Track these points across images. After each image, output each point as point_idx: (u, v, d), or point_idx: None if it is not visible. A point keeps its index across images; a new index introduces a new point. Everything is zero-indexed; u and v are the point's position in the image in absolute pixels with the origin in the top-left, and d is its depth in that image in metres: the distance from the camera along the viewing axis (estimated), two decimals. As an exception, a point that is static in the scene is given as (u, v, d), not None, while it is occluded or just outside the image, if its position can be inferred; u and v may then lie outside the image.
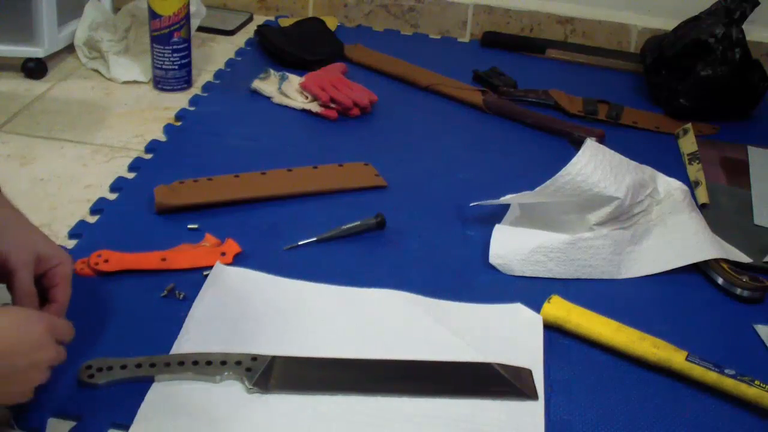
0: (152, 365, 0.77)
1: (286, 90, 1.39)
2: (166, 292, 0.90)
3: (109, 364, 0.78)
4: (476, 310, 0.92)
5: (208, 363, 0.78)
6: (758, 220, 1.15)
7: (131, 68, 1.44)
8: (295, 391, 0.78)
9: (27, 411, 0.74)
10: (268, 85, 1.41)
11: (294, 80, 1.41)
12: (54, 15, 1.39)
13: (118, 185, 1.11)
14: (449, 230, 1.07)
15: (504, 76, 1.53)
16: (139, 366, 0.77)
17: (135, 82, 1.42)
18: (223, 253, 0.96)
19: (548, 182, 1.01)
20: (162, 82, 1.39)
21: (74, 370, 0.77)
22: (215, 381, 0.77)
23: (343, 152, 1.23)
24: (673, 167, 1.23)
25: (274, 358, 0.80)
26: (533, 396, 0.80)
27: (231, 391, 0.77)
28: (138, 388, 0.76)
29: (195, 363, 0.78)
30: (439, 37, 1.77)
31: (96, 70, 1.45)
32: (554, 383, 0.83)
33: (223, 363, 0.78)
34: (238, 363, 0.78)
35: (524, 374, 0.82)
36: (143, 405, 0.75)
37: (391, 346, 0.84)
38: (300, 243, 1.01)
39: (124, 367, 0.77)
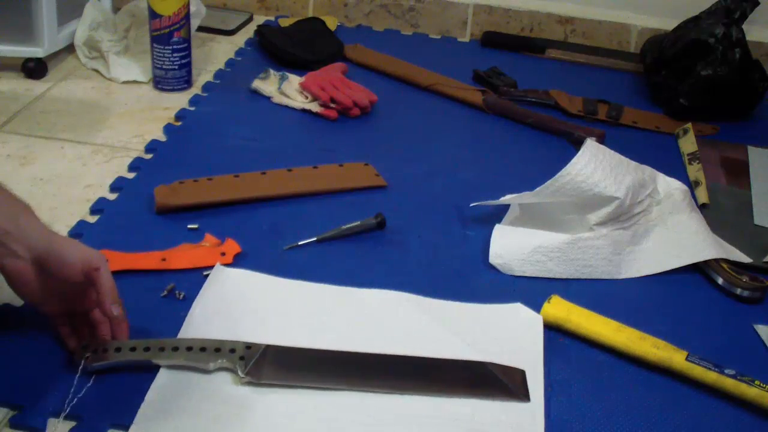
0: (146, 349, 0.78)
1: (286, 90, 1.39)
2: (166, 292, 0.90)
3: (105, 346, 0.78)
4: (476, 310, 0.92)
5: (203, 349, 0.78)
6: (758, 220, 1.15)
7: (131, 68, 1.44)
8: (289, 382, 0.78)
9: (27, 411, 0.74)
10: (268, 85, 1.41)
11: (294, 80, 1.41)
12: (54, 15, 1.39)
13: (118, 185, 1.11)
14: (449, 230, 1.07)
15: (504, 76, 1.53)
16: (133, 350, 0.78)
17: (135, 82, 1.42)
18: (223, 253, 0.96)
19: (548, 182, 1.01)
20: (162, 82, 1.39)
21: (73, 373, 0.77)
22: (208, 368, 0.78)
23: (343, 152, 1.23)
24: (673, 167, 1.22)
25: (267, 347, 0.80)
26: (524, 397, 0.80)
27: (232, 391, 0.77)
28: (138, 388, 0.76)
29: (189, 349, 0.78)
30: (439, 37, 1.77)
31: (96, 70, 1.45)
32: (554, 383, 0.83)
33: (218, 350, 0.78)
34: (232, 351, 0.79)
35: (517, 375, 0.82)
36: (143, 405, 0.75)
37: (390, 347, 0.83)
38: (300, 243, 1.01)
39: (118, 350, 0.78)
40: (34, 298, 0.79)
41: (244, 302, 0.90)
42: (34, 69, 1.40)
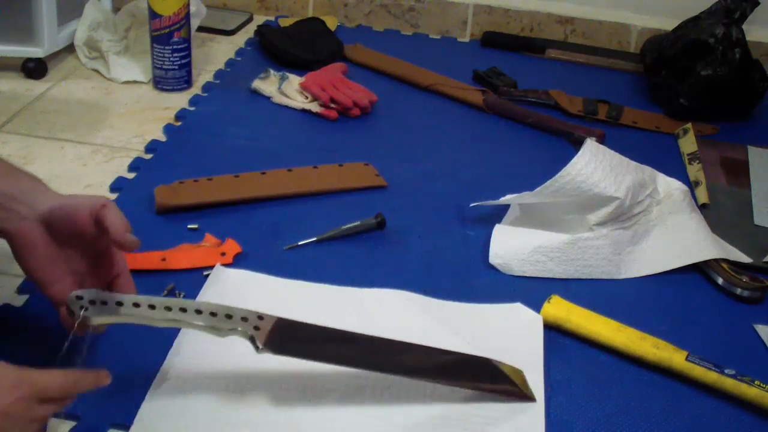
0: (151, 307, 0.71)
1: (286, 90, 1.39)
2: (166, 292, 0.90)
3: (103, 298, 0.70)
4: (476, 310, 0.92)
5: (213, 314, 0.72)
6: (758, 220, 1.15)
7: (131, 68, 1.44)
8: (305, 357, 0.75)
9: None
10: (268, 85, 1.41)
11: (294, 80, 1.41)
12: (54, 15, 1.39)
13: (118, 185, 1.11)
14: (449, 230, 1.08)
15: (504, 76, 1.53)
16: (137, 306, 0.70)
17: (135, 82, 1.42)
18: (223, 253, 0.96)
19: (548, 182, 1.01)
20: (162, 82, 1.39)
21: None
22: (221, 335, 0.73)
23: (343, 152, 1.23)
24: (673, 167, 1.22)
25: (280, 319, 0.76)
26: (531, 397, 0.80)
27: (233, 392, 0.77)
28: (138, 388, 0.76)
29: (198, 312, 0.72)
30: (439, 37, 1.77)
31: (96, 70, 1.45)
32: (554, 383, 0.83)
33: (229, 317, 0.73)
34: (245, 319, 0.74)
35: (521, 375, 0.82)
36: (144, 405, 0.75)
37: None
38: (300, 243, 1.01)
39: (119, 304, 0.71)
40: (42, 272, 0.74)
41: (244, 303, 0.88)
42: (34, 69, 1.40)
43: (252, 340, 0.73)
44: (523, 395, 0.80)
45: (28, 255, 0.73)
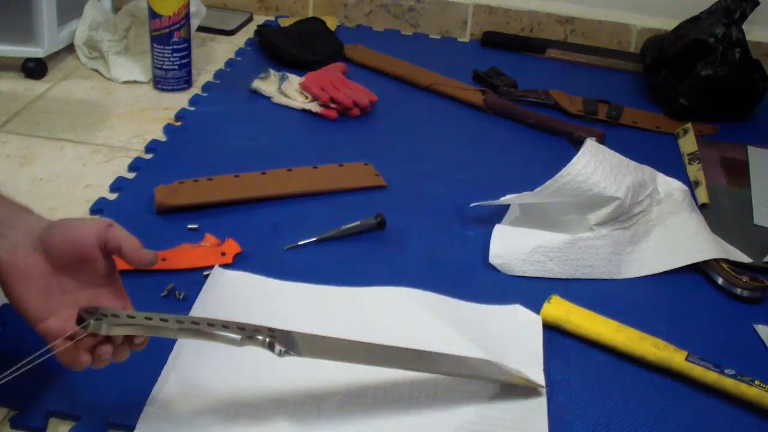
0: (163, 320, 0.68)
1: (286, 90, 1.39)
2: (166, 292, 0.90)
3: (114, 312, 0.68)
4: (475, 310, 0.92)
5: (225, 327, 0.71)
6: (758, 220, 1.15)
7: (131, 68, 1.44)
8: (324, 358, 0.75)
9: (27, 411, 0.74)
10: (268, 85, 1.41)
11: (294, 80, 1.41)
12: (54, 15, 1.39)
13: (118, 185, 1.11)
14: (449, 230, 1.07)
15: (504, 76, 1.53)
16: (149, 319, 0.68)
17: (135, 82, 1.42)
18: (223, 253, 0.96)
19: (548, 182, 1.01)
20: (162, 82, 1.39)
21: (74, 373, 0.77)
22: (238, 343, 0.70)
23: (343, 152, 1.23)
24: (673, 167, 1.23)
25: (291, 331, 0.74)
26: (538, 385, 0.80)
27: (238, 392, 0.77)
28: (138, 388, 0.76)
29: (211, 326, 0.71)
30: (439, 37, 1.77)
31: (96, 70, 1.45)
32: (554, 383, 0.83)
33: (241, 329, 0.72)
34: (257, 330, 0.72)
35: (521, 379, 0.82)
36: (147, 406, 0.75)
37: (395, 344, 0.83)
38: (300, 243, 1.01)
39: (131, 317, 0.68)
40: (36, 304, 0.68)
41: (244, 305, 0.89)
42: (34, 69, 1.40)
43: (271, 346, 0.72)
44: (531, 384, 0.80)
45: (22, 286, 0.67)
